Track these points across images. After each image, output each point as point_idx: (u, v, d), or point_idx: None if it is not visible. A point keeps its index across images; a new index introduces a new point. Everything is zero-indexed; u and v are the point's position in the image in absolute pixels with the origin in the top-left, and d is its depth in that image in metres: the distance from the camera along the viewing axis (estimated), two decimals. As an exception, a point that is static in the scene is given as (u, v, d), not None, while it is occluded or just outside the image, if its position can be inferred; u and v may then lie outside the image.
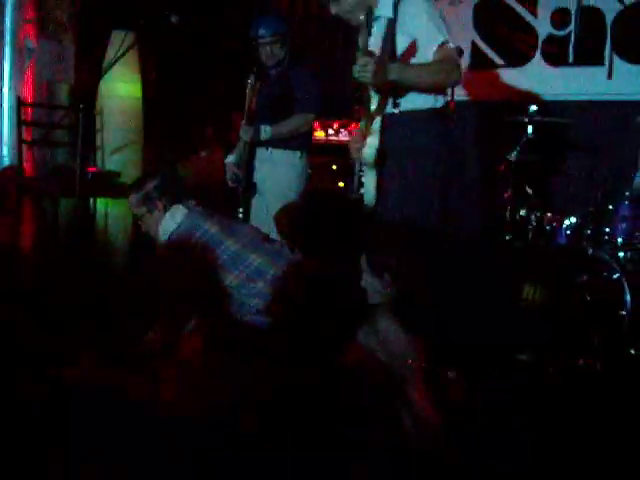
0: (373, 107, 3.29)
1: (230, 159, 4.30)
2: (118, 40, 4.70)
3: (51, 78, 5.09)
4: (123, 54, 4.18)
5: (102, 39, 5.23)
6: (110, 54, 5.10)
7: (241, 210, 4.12)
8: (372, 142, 3.25)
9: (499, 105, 5.79)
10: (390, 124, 3.27)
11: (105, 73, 4.41)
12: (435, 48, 3.14)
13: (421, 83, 3.19)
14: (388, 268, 2.90)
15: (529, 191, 4.76)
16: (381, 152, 3.22)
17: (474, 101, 6.05)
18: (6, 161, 4.90)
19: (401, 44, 3.19)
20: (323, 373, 2.82)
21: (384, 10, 3.25)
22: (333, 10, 3.31)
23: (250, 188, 4.12)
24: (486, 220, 5.04)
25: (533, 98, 5.36)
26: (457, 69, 3.20)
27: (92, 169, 4.95)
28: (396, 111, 3.23)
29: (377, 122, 3.26)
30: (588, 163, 5.15)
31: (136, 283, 4.37)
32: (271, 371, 2.87)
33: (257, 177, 4.33)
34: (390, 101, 3.19)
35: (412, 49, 3.18)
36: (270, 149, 4.34)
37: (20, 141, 4.83)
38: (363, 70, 2.95)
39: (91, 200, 5.14)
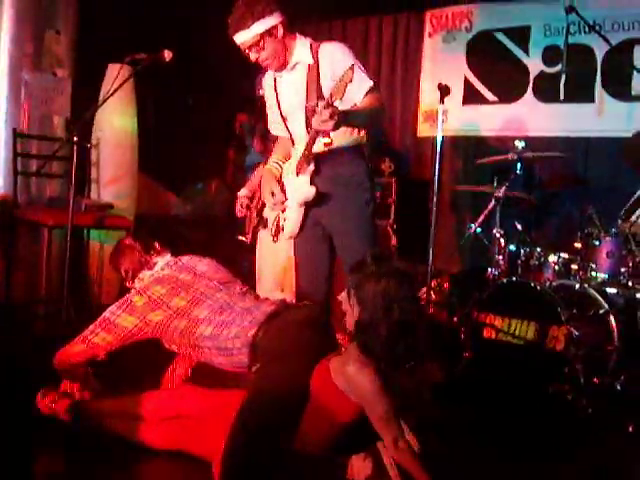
0: (300, 147, 3.47)
1: (243, 192, 4.37)
2: (114, 73, 4.74)
3: (47, 111, 5.14)
4: (118, 87, 4.22)
5: (98, 72, 5.30)
6: (106, 87, 5.17)
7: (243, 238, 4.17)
8: (304, 181, 3.45)
9: (490, 140, 5.89)
10: (323, 161, 3.45)
11: (100, 106, 4.45)
12: (364, 93, 3.35)
13: (360, 126, 3.45)
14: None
15: (518, 226, 4.80)
16: (316, 191, 3.44)
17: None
18: (0, 191, 4.94)
19: (327, 88, 3.31)
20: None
21: (302, 57, 3.45)
22: (252, 57, 3.45)
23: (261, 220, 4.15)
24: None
25: (523, 134, 5.42)
26: (383, 112, 3.59)
27: (86, 201, 4.99)
28: (327, 149, 3.38)
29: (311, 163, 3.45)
30: (576, 199, 5.20)
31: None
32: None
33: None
34: (321, 140, 3.33)
35: (337, 94, 3.27)
36: None
37: (15, 172, 4.87)
38: (328, 121, 3.05)
39: (85, 231, 5.18)
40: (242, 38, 3.39)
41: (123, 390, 3.32)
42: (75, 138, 4.12)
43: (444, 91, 3.80)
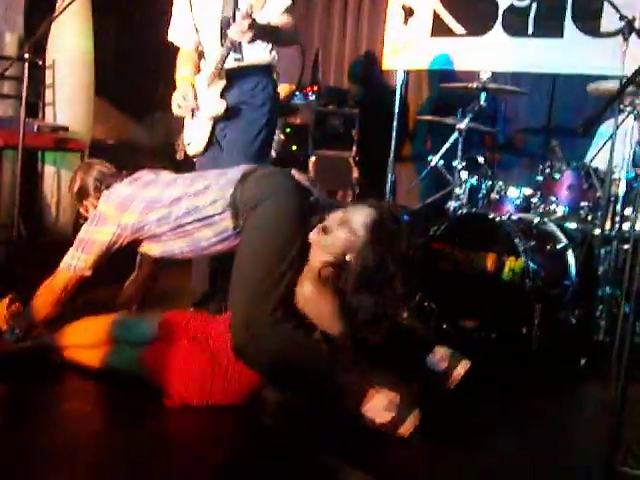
0: (212, 61, 3.44)
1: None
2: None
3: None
4: (71, 2, 4.04)
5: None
6: (61, 3, 4.96)
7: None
8: (215, 95, 3.44)
9: (456, 74, 5.79)
10: (234, 77, 3.46)
11: (52, 21, 4.26)
12: (281, 10, 3.38)
13: (273, 42, 3.49)
14: None
15: (480, 160, 4.75)
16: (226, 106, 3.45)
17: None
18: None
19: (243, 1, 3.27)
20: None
21: None
22: None
23: None
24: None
25: (491, 68, 5.32)
26: (296, 36, 3.68)
27: (39, 123, 4.84)
28: (237, 65, 3.43)
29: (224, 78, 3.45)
30: (541, 134, 5.16)
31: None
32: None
33: None
34: (232, 56, 3.39)
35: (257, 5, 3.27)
36: None
37: (-36, 91, 4.74)
38: (245, 32, 3.09)
39: (39, 154, 5.05)
40: None
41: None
42: (26, 56, 3.97)
43: (408, 13, 3.69)
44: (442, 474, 2.44)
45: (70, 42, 5.23)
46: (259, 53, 3.48)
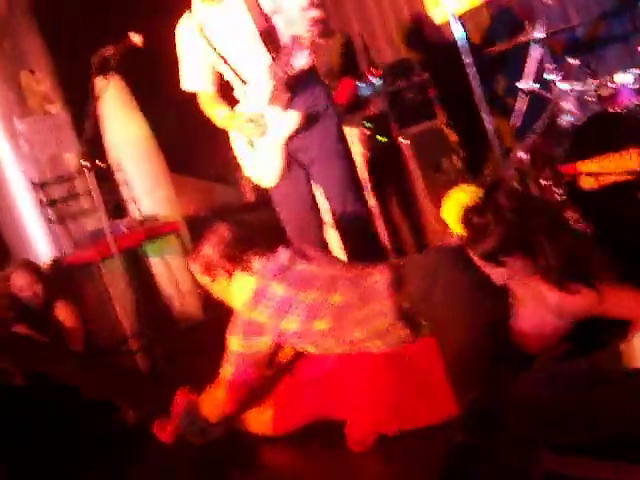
0: (261, 79, 3.31)
1: None
2: (101, 86, 4.45)
3: (53, 151, 4.94)
4: (95, 101, 3.95)
5: (88, 94, 5.01)
6: (103, 104, 4.88)
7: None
8: (276, 111, 3.31)
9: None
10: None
11: (92, 125, 4.11)
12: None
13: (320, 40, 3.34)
14: None
15: (573, 62, 4.28)
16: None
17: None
18: (42, 246, 4.75)
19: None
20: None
21: None
22: None
23: None
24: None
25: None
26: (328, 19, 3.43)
27: (127, 222, 4.78)
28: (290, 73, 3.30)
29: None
30: (622, 8, 4.64)
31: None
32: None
33: None
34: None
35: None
36: None
37: (47, 222, 4.73)
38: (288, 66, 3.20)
39: (139, 251, 4.98)
40: None
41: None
42: (85, 164, 3.86)
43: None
44: None
45: (125, 135, 5.18)
46: (301, 59, 3.37)
